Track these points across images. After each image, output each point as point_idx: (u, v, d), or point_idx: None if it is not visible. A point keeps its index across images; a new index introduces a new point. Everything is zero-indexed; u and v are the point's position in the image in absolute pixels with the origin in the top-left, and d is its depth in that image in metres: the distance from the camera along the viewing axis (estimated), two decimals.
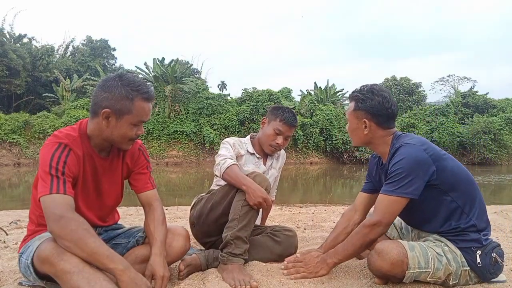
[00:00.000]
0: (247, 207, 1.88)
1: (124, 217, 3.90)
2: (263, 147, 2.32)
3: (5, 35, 24.95)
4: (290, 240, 2.12)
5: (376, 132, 1.78)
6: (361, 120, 1.78)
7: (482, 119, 23.73)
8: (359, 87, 1.84)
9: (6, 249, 2.50)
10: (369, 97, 1.76)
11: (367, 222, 1.69)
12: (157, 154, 20.57)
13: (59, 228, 1.34)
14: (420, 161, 1.61)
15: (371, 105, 1.75)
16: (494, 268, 1.68)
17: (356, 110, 1.79)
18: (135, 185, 1.73)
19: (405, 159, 1.61)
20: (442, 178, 1.64)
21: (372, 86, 1.80)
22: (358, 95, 1.79)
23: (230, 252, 1.82)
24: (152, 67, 23.27)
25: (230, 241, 1.84)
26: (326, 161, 23.03)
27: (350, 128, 1.84)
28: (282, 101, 22.86)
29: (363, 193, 2.01)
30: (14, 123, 19.24)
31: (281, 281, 1.75)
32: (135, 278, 1.36)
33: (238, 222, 1.86)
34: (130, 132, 1.53)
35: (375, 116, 1.76)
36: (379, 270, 1.60)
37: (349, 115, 1.83)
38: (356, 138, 1.84)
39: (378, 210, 1.66)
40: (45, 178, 1.40)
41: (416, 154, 1.61)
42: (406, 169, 1.60)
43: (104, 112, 1.48)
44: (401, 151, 1.65)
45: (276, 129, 2.26)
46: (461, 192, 1.68)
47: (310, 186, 12.03)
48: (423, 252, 1.60)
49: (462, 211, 1.68)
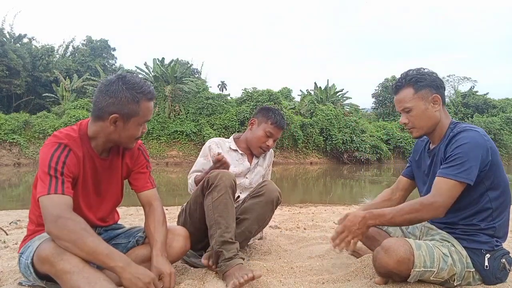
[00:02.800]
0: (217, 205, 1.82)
1: (124, 217, 3.90)
2: (251, 148, 2.32)
3: (5, 35, 24.95)
4: (269, 187, 2.10)
5: (443, 109, 1.75)
6: (428, 98, 1.71)
7: (482, 119, 23.76)
8: (401, 76, 1.78)
9: (6, 249, 2.50)
10: (424, 74, 1.73)
11: (425, 201, 1.62)
12: (157, 154, 20.57)
13: (57, 229, 1.34)
14: (482, 147, 1.59)
15: (432, 79, 1.72)
16: (501, 273, 1.67)
17: (419, 91, 1.71)
18: (134, 184, 1.73)
19: (469, 144, 1.59)
20: (491, 172, 1.63)
21: (413, 69, 1.77)
22: (412, 77, 1.73)
23: (224, 259, 1.77)
24: (152, 67, 23.27)
25: (218, 251, 1.79)
26: (326, 161, 23.02)
27: (417, 113, 1.72)
28: (282, 101, 22.87)
29: (404, 177, 2.00)
30: (14, 123, 19.24)
31: (281, 281, 1.75)
32: (137, 273, 1.37)
33: (216, 226, 1.81)
34: (137, 132, 1.56)
35: (439, 89, 1.73)
36: (384, 267, 1.58)
37: (411, 101, 1.72)
38: (427, 122, 1.73)
39: (440, 192, 1.60)
40: (44, 178, 1.40)
41: (479, 139, 1.60)
42: (469, 154, 1.58)
43: (112, 117, 1.48)
44: (464, 135, 1.62)
45: (267, 131, 2.26)
46: (499, 194, 1.67)
47: (310, 186, 12.03)
48: (429, 251, 1.59)
49: (491, 214, 1.67)
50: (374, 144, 23.07)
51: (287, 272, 1.87)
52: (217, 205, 1.83)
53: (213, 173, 1.91)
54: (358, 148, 22.48)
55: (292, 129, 21.64)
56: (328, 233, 2.98)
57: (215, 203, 1.83)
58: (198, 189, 1.99)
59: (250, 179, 2.37)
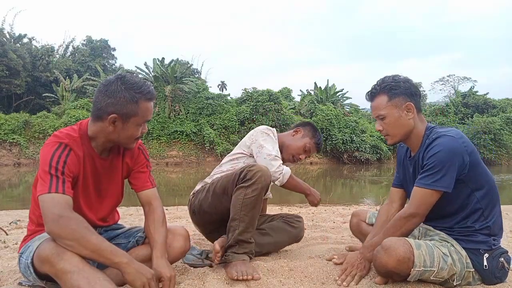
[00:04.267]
0: (248, 203, 1.84)
1: (124, 217, 3.90)
2: (285, 153, 2.31)
3: (5, 35, 24.95)
4: (301, 226, 2.34)
5: (417, 116, 1.75)
6: (401, 106, 1.72)
7: (482, 119, 23.74)
8: (377, 83, 1.79)
9: (6, 249, 2.50)
10: (398, 82, 1.73)
11: (403, 214, 1.69)
12: (157, 154, 20.56)
13: (59, 228, 1.33)
14: (457, 153, 1.59)
15: (406, 86, 1.73)
16: (500, 272, 1.67)
17: (393, 98, 1.72)
18: (134, 183, 1.73)
19: (442, 151, 1.60)
20: (472, 174, 1.64)
21: (389, 76, 1.78)
22: (387, 85, 1.73)
23: (234, 252, 1.83)
24: (152, 67, 23.27)
25: (232, 244, 1.85)
26: (326, 161, 23.02)
27: (391, 122, 1.73)
28: (282, 101, 22.86)
29: (394, 188, 2.01)
30: (14, 123, 19.24)
31: (281, 281, 1.75)
32: (140, 269, 1.39)
33: (239, 222, 1.84)
34: (137, 132, 1.55)
35: (414, 97, 1.73)
36: (384, 266, 1.59)
37: (385, 109, 1.73)
38: (400, 129, 1.74)
39: (414, 202, 1.66)
40: (45, 177, 1.40)
41: (453, 145, 1.60)
42: (444, 162, 1.59)
43: (111, 118, 1.48)
44: (438, 142, 1.63)
45: (307, 146, 2.32)
46: (486, 193, 1.68)
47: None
48: (429, 251, 1.59)
49: (482, 213, 1.67)
50: (374, 144, 23.06)
51: (287, 272, 1.86)
52: (247, 203, 1.84)
53: (253, 167, 1.87)
54: (358, 148, 22.47)
55: None
56: (328, 233, 2.98)
57: (246, 200, 1.84)
58: (230, 177, 1.96)
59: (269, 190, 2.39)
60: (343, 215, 4.08)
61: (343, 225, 3.42)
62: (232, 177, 1.95)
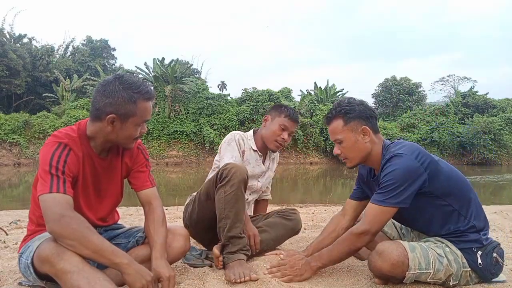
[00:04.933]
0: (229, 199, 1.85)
1: (124, 217, 3.90)
2: (267, 143, 2.31)
3: (5, 35, 24.95)
4: (297, 217, 2.35)
5: (374, 139, 1.76)
6: (357, 130, 1.74)
7: (482, 119, 23.72)
8: (331, 108, 1.81)
9: (6, 249, 2.50)
10: (353, 106, 1.75)
11: (355, 230, 1.68)
12: (157, 154, 20.56)
13: (61, 227, 1.33)
14: (411, 171, 1.59)
15: (361, 110, 1.74)
16: (495, 268, 1.68)
17: (349, 123, 1.74)
18: (134, 183, 1.73)
19: (396, 170, 1.60)
20: (435, 185, 1.64)
21: (343, 99, 1.80)
22: (342, 109, 1.75)
23: (228, 252, 1.84)
24: (152, 67, 23.26)
25: (225, 244, 1.86)
26: (326, 161, 23.02)
27: (347, 146, 1.75)
28: (282, 101, 22.85)
29: (351, 200, 2.00)
30: (14, 123, 19.24)
31: (280, 280, 1.75)
32: (140, 270, 1.39)
33: (225, 220, 1.86)
34: (135, 132, 1.55)
35: (369, 120, 1.75)
36: (379, 271, 1.60)
37: (341, 133, 1.75)
38: (358, 153, 1.76)
39: (367, 219, 1.65)
40: (45, 177, 1.40)
41: (406, 164, 1.60)
42: (397, 180, 1.59)
43: (109, 118, 1.48)
44: (392, 162, 1.63)
45: (282, 124, 2.26)
46: (455, 195, 1.68)
47: (310, 186, 12.02)
48: (423, 253, 1.60)
49: (459, 214, 1.68)
50: None
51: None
52: (228, 200, 1.86)
53: (227, 166, 1.91)
54: None
55: None
56: None
57: (227, 197, 1.86)
58: (210, 181, 2.00)
59: (261, 183, 2.39)
60: None
61: None
62: (212, 180, 1.98)
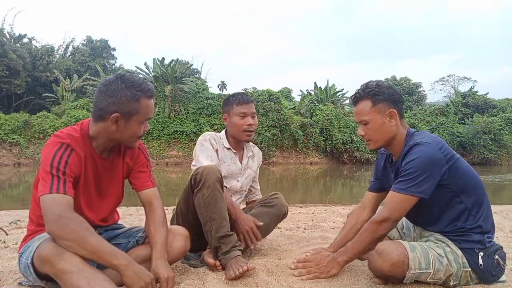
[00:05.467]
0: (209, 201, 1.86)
1: (124, 217, 3.89)
2: (239, 138, 2.28)
3: (5, 35, 24.94)
4: (280, 201, 2.28)
5: (399, 123, 1.76)
6: (385, 113, 1.73)
7: (482, 119, 23.73)
8: (361, 87, 1.79)
9: (6, 249, 2.50)
10: (382, 88, 1.73)
11: (376, 218, 1.69)
12: (157, 154, 20.56)
13: (59, 228, 1.34)
14: (434, 160, 1.60)
15: (390, 93, 1.73)
16: (496, 270, 1.67)
17: (377, 105, 1.73)
18: (135, 183, 1.73)
19: (419, 158, 1.60)
20: (453, 179, 1.64)
21: (373, 81, 1.78)
22: (371, 90, 1.74)
23: (223, 253, 1.84)
24: (152, 67, 23.26)
25: (216, 246, 1.86)
26: (326, 161, 23.02)
27: (374, 127, 1.74)
28: (282, 101, 22.85)
29: (371, 192, 2.01)
30: (14, 123, 19.23)
31: (281, 281, 1.75)
32: (139, 272, 1.38)
33: (210, 222, 1.86)
34: (139, 130, 1.57)
35: (397, 104, 1.74)
36: (379, 271, 1.60)
37: (368, 114, 1.74)
38: (382, 136, 1.75)
39: (388, 207, 1.66)
40: (46, 177, 1.40)
41: (430, 153, 1.60)
42: (420, 168, 1.59)
43: (113, 117, 1.49)
44: (415, 149, 1.63)
45: (239, 114, 2.23)
46: (470, 194, 1.68)
47: (310, 186, 12.02)
48: (424, 253, 1.60)
49: (469, 213, 1.68)
50: None
51: (287, 272, 1.87)
52: (208, 202, 1.86)
53: (198, 170, 1.92)
54: (358, 148, 22.47)
55: (292, 129, 21.64)
56: (328, 233, 2.98)
57: (206, 200, 1.86)
58: (185, 191, 2.01)
59: (241, 183, 2.36)
60: (343, 215, 4.07)
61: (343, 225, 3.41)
62: (187, 190, 2.00)
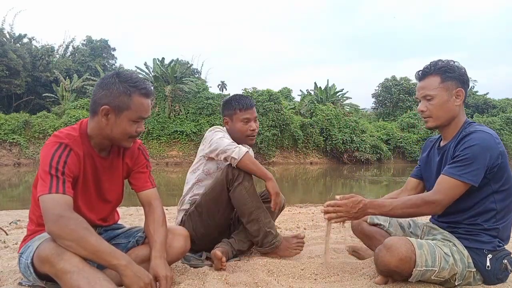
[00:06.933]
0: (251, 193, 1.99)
1: (124, 217, 3.90)
2: (242, 142, 2.23)
3: (5, 35, 24.93)
4: None
5: (462, 105, 1.74)
6: (452, 91, 1.70)
7: (482, 119, 23.75)
8: (431, 63, 1.75)
9: (6, 249, 2.50)
10: (454, 67, 1.71)
11: (427, 198, 1.66)
12: (157, 154, 20.55)
13: (58, 228, 1.34)
14: (491, 151, 1.59)
15: (461, 73, 1.71)
16: (502, 274, 1.67)
17: (446, 81, 1.69)
18: (134, 184, 1.73)
19: (478, 146, 1.59)
20: (498, 175, 1.63)
21: (441, 60, 1.75)
22: (442, 67, 1.71)
23: (274, 236, 2.06)
24: (152, 67, 23.25)
25: (267, 231, 2.04)
26: (326, 161, 23.02)
27: (437, 103, 1.70)
28: (282, 101, 22.85)
29: (412, 178, 2.01)
30: (14, 123, 19.23)
31: (281, 281, 1.75)
32: (138, 272, 1.38)
33: (257, 211, 2.00)
34: (130, 128, 1.54)
35: (465, 85, 1.72)
36: (386, 266, 1.58)
37: (435, 90, 1.70)
38: (445, 113, 1.72)
39: (443, 191, 1.62)
40: (45, 177, 1.40)
41: (489, 143, 1.60)
42: (477, 156, 1.58)
43: (103, 109, 1.48)
44: (475, 136, 1.61)
45: (242, 119, 2.21)
46: (505, 197, 1.67)
47: (310, 186, 12.02)
48: (431, 251, 1.59)
49: (495, 215, 1.66)
50: (374, 144, 23.05)
51: (287, 272, 1.87)
52: (252, 192, 2.00)
53: (229, 165, 2.00)
54: (358, 148, 22.47)
55: (292, 129, 21.63)
56: None
57: (249, 191, 1.99)
58: (216, 189, 2.03)
59: None
60: None
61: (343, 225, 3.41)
62: (219, 186, 2.02)
